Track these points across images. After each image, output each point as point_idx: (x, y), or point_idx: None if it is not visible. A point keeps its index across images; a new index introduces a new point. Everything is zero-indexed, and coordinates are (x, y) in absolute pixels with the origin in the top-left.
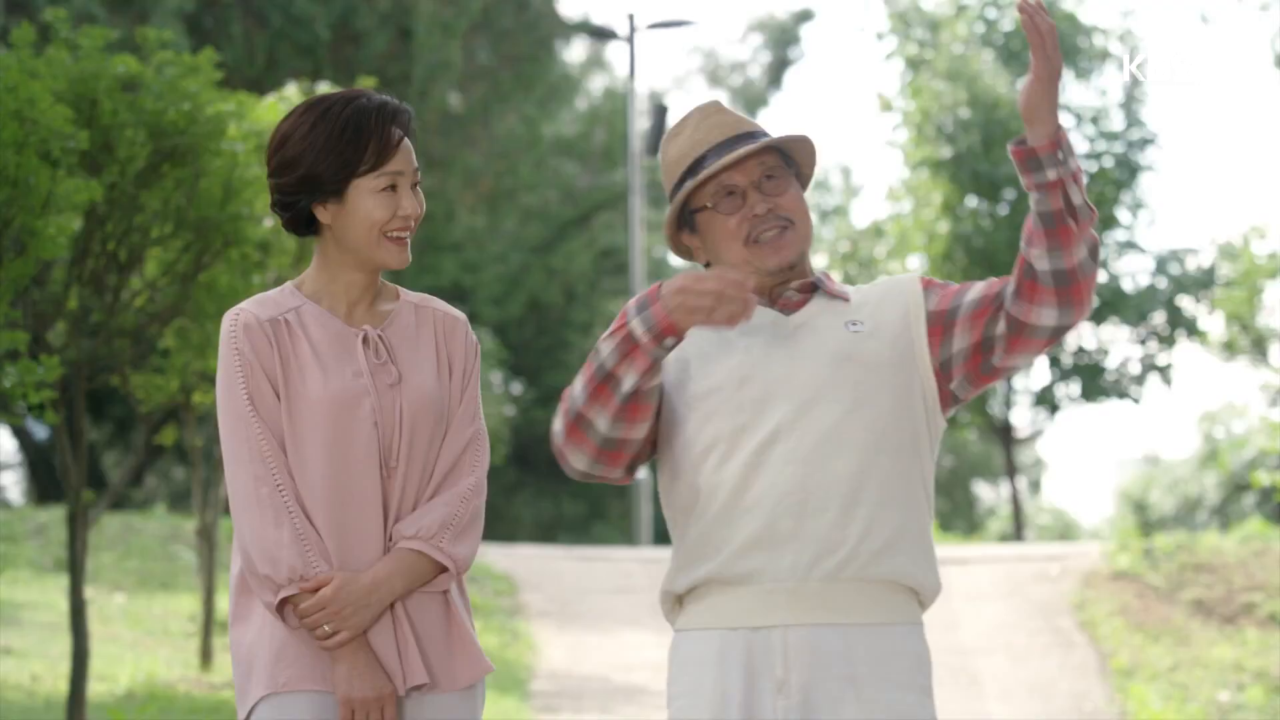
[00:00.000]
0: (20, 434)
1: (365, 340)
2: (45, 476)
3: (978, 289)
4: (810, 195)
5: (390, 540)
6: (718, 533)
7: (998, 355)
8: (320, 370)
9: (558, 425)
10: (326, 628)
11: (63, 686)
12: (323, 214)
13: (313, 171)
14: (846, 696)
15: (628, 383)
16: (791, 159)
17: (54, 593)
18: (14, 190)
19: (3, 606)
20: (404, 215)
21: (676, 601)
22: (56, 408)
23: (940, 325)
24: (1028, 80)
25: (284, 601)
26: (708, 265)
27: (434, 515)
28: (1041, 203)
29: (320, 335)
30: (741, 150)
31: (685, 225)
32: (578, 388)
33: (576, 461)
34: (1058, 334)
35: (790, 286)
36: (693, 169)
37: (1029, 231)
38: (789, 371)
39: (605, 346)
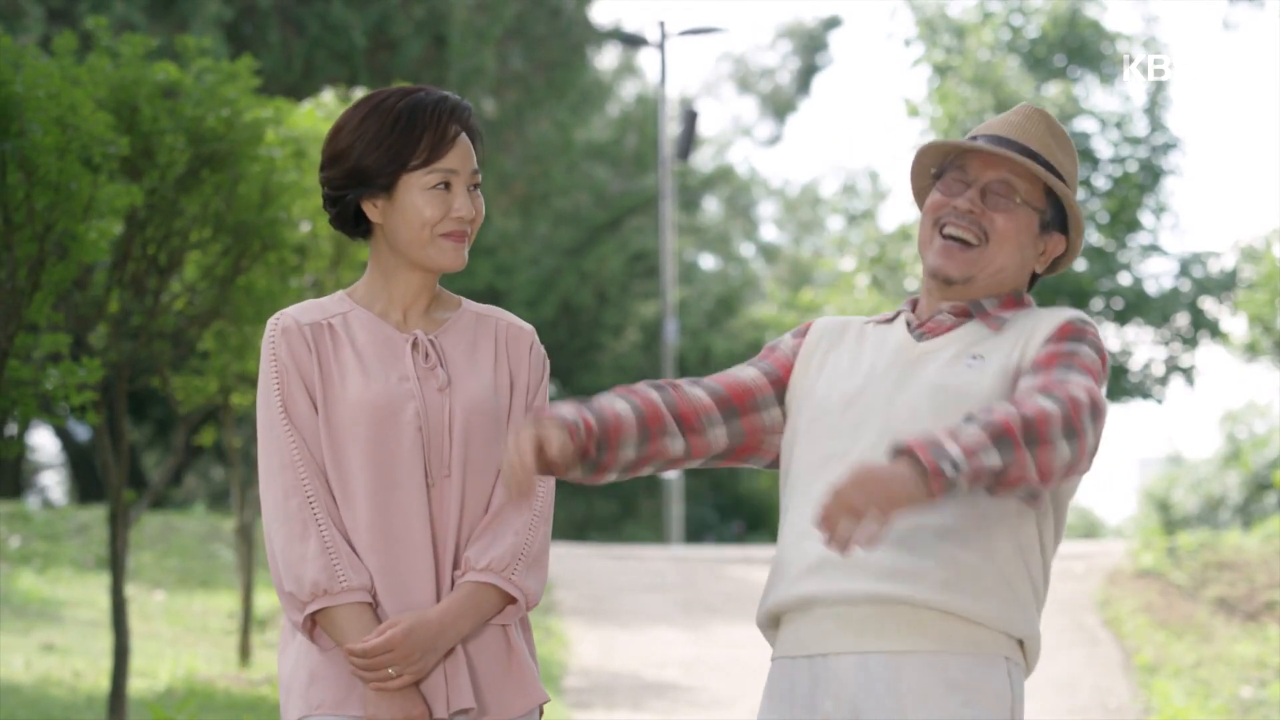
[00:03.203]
0: (62, 435)
1: (415, 344)
2: (87, 476)
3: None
4: (837, 200)
5: (440, 561)
6: (784, 556)
7: None
8: (362, 374)
9: None
10: (391, 670)
11: (104, 683)
12: (372, 211)
13: (361, 164)
14: None
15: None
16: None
17: (95, 590)
18: (56, 195)
19: (46, 604)
20: (458, 215)
21: (772, 628)
22: (98, 409)
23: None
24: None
25: (312, 621)
26: None
27: (504, 544)
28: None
29: (366, 340)
30: (999, 150)
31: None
32: None
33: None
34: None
35: (943, 309)
36: (968, 136)
37: None
38: (889, 400)
39: None
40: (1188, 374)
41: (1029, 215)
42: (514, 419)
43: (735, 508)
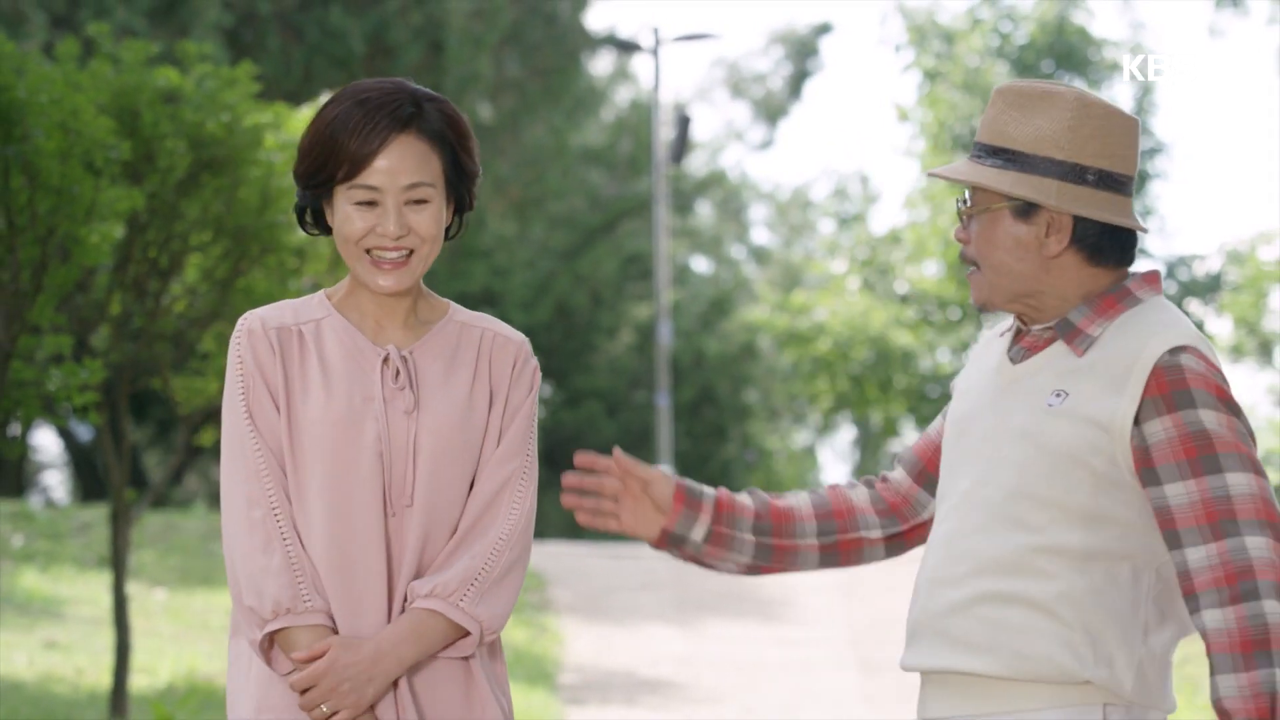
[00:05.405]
0: (65, 435)
1: (386, 361)
2: (89, 476)
3: (1170, 506)
4: (828, 203)
5: (394, 593)
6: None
7: None
8: (325, 389)
9: None
10: (324, 708)
11: (106, 680)
12: (330, 217)
13: (298, 170)
14: None
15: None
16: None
17: (97, 589)
18: (59, 199)
19: (48, 602)
20: (382, 232)
21: None
22: (100, 409)
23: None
24: None
25: (271, 641)
26: None
27: (455, 570)
28: None
29: (336, 352)
30: (946, 171)
31: None
32: None
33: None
34: None
35: (1039, 324)
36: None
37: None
38: (981, 440)
39: None
40: None
41: (993, 216)
42: (489, 434)
43: None
